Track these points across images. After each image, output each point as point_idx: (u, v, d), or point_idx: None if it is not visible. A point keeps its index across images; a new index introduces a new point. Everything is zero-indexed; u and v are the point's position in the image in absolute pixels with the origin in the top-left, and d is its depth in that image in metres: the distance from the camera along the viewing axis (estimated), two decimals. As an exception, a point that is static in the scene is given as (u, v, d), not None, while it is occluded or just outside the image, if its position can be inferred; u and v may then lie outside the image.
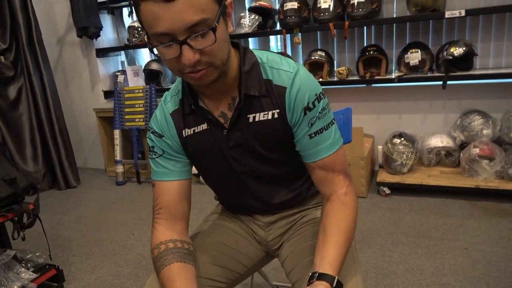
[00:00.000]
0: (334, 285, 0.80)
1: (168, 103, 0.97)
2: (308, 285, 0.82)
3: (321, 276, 0.81)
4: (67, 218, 2.85)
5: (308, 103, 0.89)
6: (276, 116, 0.91)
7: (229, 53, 0.85)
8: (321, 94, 0.91)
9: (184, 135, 0.96)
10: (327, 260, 0.83)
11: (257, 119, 0.91)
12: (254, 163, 0.97)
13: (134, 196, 3.21)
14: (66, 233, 2.61)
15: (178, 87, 0.96)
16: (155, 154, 0.97)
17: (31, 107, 3.37)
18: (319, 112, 0.90)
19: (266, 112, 0.91)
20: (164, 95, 0.99)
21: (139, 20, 0.76)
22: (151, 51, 0.80)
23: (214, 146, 0.95)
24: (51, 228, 2.68)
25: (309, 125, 0.90)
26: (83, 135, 4.07)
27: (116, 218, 2.77)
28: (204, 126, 0.94)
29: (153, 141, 0.98)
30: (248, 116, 0.91)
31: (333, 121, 0.93)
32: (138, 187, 3.42)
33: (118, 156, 3.50)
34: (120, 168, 3.51)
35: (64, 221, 2.81)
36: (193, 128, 0.95)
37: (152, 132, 0.98)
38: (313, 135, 0.90)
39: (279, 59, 0.93)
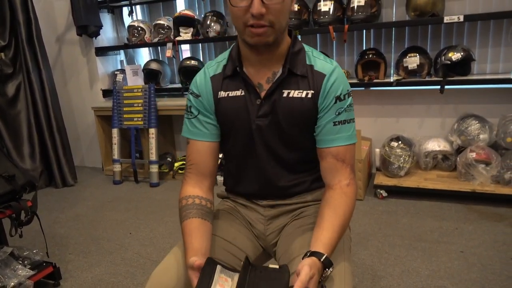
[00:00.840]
0: (322, 260, 0.87)
1: (211, 67, 1.10)
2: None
3: (312, 253, 0.89)
4: (64, 216, 2.85)
5: (341, 94, 1.01)
6: (309, 96, 1.02)
7: (286, 27, 0.99)
8: (350, 92, 1.04)
9: (218, 96, 1.07)
10: (321, 241, 0.92)
11: (291, 95, 1.02)
12: (273, 136, 1.06)
13: (131, 195, 3.21)
14: (63, 231, 2.60)
15: (225, 56, 1.09)
16: (191, 115, 1.09)
17: (29, 104, 3.36)
18: (347, 106, 1.02)
19: (301, 91, 1.02)
20: (208, 62, 1.12)
21: None
22: None
23: (243, 113, 1.05)
24: (48, 226, 2.68)
25: (336, 114, 1.01)
26: (81, 134, 4.07)
27: (113, 217, 2.77)
28: (239, 92, 1.05)
29: (191, 101, 1.10)
30: (283, 91, 1.03)
31: (354, 120, 1.05)
32: (136, 187, 3.41)
33: (116, 155, 3.50)
34: (117, 167, 3.51)
35: (61, 219, 2.81)
36: (228, 92, 1.06)
37: (191, 93, 1.10)
38: (337, 123, 1.01)
39: (323, 55, 1.07)
